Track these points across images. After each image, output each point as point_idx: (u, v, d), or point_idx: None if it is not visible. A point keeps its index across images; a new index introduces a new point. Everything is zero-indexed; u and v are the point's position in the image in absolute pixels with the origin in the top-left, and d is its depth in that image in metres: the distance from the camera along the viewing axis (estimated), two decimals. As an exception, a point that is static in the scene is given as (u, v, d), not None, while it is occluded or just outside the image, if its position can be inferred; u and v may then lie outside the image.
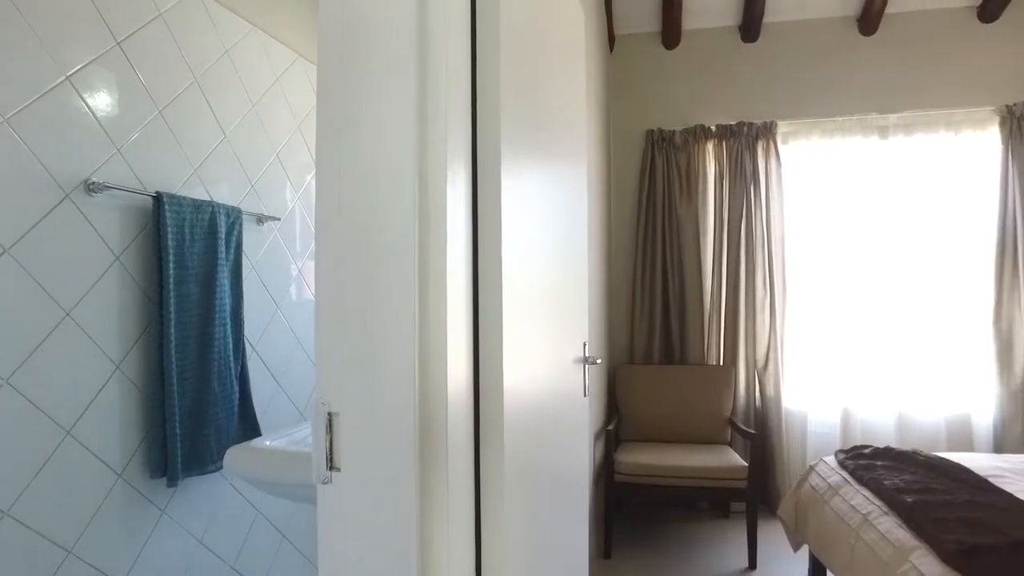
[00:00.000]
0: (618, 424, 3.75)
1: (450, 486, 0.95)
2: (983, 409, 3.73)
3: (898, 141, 3.87)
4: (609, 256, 4.10)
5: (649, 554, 3.29)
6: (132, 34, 1.84)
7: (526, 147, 1.31)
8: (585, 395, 1.80)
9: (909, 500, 2.10)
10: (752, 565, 3.07)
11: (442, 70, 0.97)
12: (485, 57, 1.13)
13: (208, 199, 2.12)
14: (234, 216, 2.21)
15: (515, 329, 1.19)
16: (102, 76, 1.75)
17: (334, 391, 0.96)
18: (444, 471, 0.95)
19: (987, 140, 3.78)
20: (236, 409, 2.22)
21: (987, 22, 3.87)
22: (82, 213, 1.69)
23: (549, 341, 1.47)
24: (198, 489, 2.08)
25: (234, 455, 1.47)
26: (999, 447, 3.67)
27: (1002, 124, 3.74)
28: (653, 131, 4.08)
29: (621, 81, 4.26)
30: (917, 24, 3.91)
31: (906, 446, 3.68)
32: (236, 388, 2.22)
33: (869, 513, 2.16)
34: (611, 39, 4.23)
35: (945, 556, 1.80)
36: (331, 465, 0.96)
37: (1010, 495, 2.25)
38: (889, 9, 3.88)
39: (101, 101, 1.75)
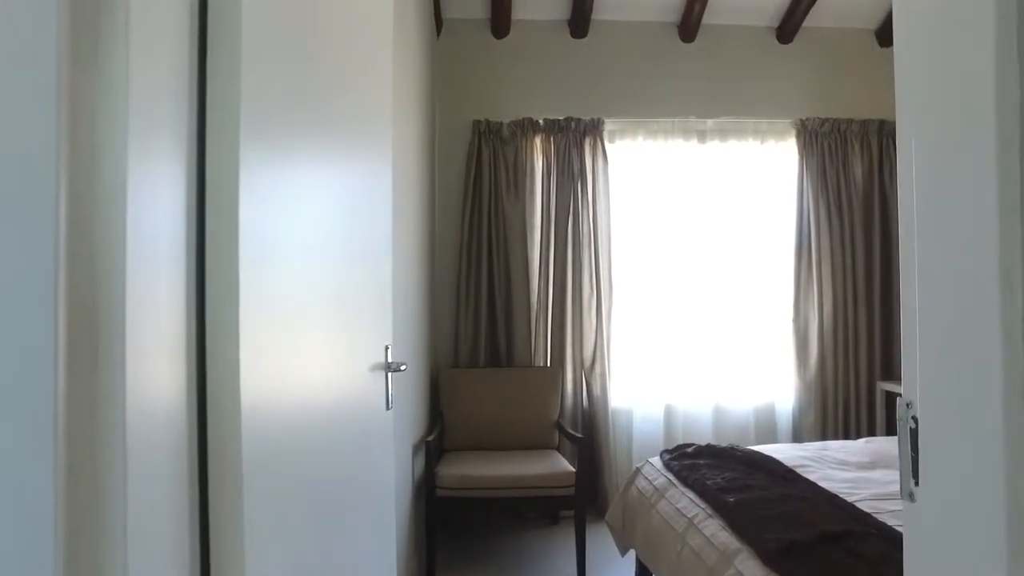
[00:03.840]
0: (441, 433, 3.49)
1: (131, 545, 0.62)
2: (784, 399, 3.98)
3: (714, 146, 4.03)
4: (433, 253, 3.84)
5: (476, 569, 3.07)
6: None
7: (291, 124, 1.03)
8: (388, 407, 1.51)
9: (731, 500, 2.06)
10: (581, 573, 2.95)
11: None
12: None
13: None
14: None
15: (266, 341, 0.89)
16: None
17: None
18: (120, 522, 0.61)
19: (787, 150, 4.05)
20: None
21: (784, 43, 4.15)
22: None
23: (330, 349, 1.17)
24: None
25: None
26: (797, 433, 3.93)
27: (798, 136, 4.02)
28: (480, 122, 3.90)
29: (448, 67, 4.02)
30: (728, 37, 4.10)
31: (722, 437, 3.82)
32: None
33: (695, 516, 2.09)
34: (438, 22, 3.98)
35: (765, 557, 1.76)
36: None
37: (813, 484, 2.32)
38: (705, 20, 4.02)
39: None
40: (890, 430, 3.87)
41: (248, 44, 0.83)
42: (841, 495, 2.17)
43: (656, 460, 2.75)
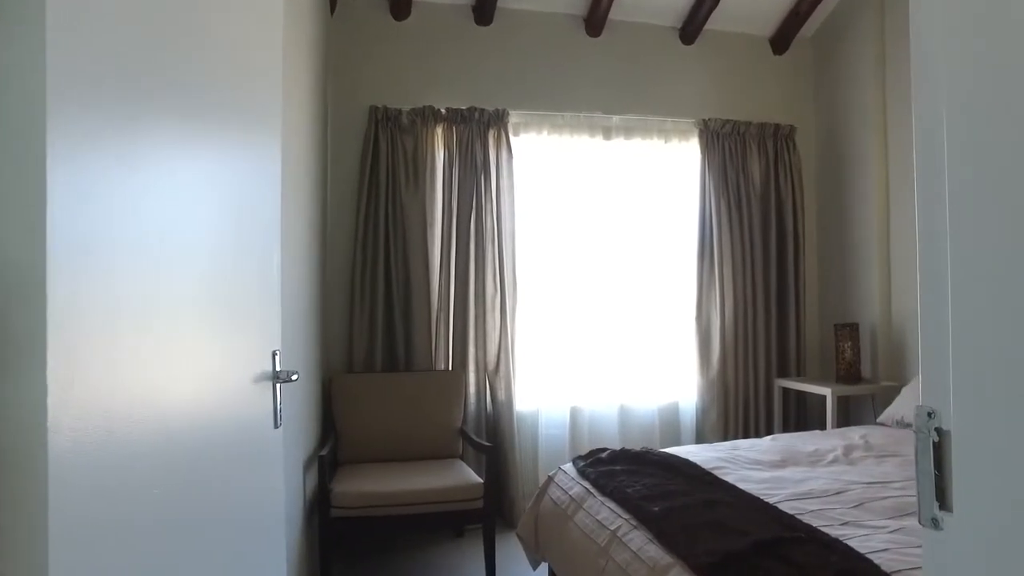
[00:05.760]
0: (335, 445, 3.17)
1: None
2: (688, 398, 3.98)
3: (619, 143, 3.97)
4: (324, 248, 3.50)
5: (373, 596, 2.79)
6: None
7: (142, 88, 0.79)
8: (277, 424, 1.24)
9: (656, 510, 1.94)
10: (489, 590, 2.76)
11: None
12: None
13: None
14: None
15: (95, 355, 0.63)
16: None
17: None
18: None
19: (690, 150, 4.06)
20: None
21: (687, 44, 4.17)
22: None
23: (198, 359, 0.91)
24: None
25: None
26: (700, 432, 3.94)
27: (700, 136, 4.04)
28: (378, 108, 3.61)
29: (343, 48, 3.70)
30: (634, 34, 4.06)
31: (628, 437, 3.76)
32: None
33: (618, 529, 1.95)
34: (332, -1, 3.66)
35: (700, 572, 1.64)
36: None
37: (733, 487, 2.26)
38: (612, 15, 3.95)
39: None
40: (786, 427, 3.98)
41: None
42: (762, 497, 2.12)
43: (569, 467, 2.60)
